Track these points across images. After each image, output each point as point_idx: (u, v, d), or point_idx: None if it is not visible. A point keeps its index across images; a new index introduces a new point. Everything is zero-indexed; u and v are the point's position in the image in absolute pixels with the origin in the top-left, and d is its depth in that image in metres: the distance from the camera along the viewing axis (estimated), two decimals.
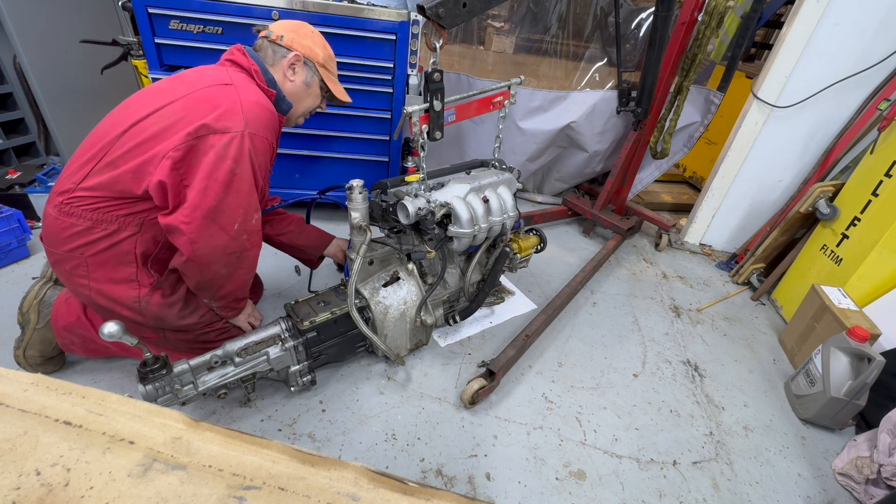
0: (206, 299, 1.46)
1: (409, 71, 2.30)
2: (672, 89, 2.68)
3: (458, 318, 1.91)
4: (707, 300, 2.55)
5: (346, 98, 1.67)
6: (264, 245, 1.91)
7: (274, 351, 1.47)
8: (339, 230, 2.65)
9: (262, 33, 1.50)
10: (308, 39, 1.51)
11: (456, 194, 1.64)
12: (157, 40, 2.07)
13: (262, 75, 1.43)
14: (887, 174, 2.00)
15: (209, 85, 1.29)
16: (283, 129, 1.62)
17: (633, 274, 2.69)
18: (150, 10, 1.99)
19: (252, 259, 1.43)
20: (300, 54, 1.49)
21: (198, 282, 1.36)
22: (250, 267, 1.44)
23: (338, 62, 2.19)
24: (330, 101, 1.69)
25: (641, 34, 2.81)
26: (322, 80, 1.57)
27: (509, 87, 1.69)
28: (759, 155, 2.72)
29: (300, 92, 1.54)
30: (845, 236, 2.16)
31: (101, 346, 1.50)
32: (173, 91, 1.30)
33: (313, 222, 1.89)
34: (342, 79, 2.24)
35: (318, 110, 1.70)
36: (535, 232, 2.08)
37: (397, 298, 1.67)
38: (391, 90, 2.33)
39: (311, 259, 1.92)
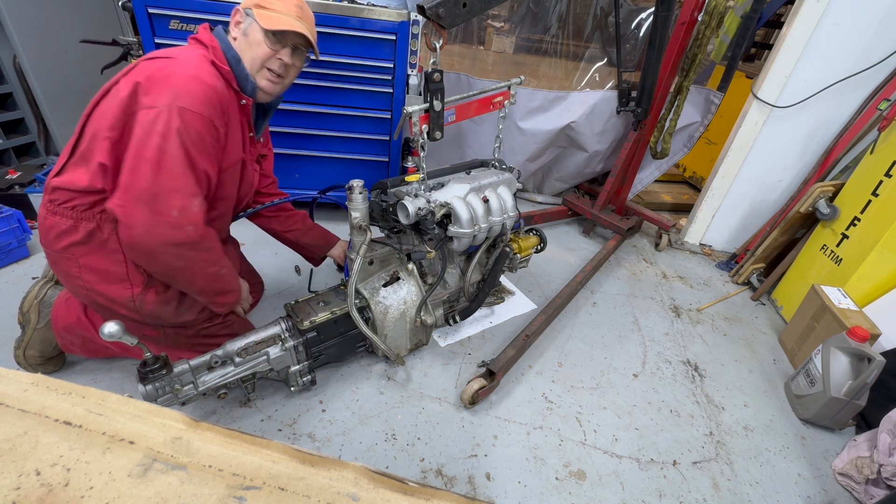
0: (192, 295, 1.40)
1: (409, 71, 2.30)
2: (672, 89, 2.68)
3: (458, 318, 1.91)
4: (707, 300, 2.55)
5: (274, 24, 1.31)
6: (264, 245, 1.91)
7: (274, 351, 1.47)
8: (339, 230, 2.64)
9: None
10: None
11: (456, 194, 1.64)
12: (156, 40, 2.07)
13: (223, 53, 1.31)
14: (887, 174, 2.00)
15: (151, 57, 1.22)
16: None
17: (633, 274, 2.69)
18: (150, 10, 1.99)
19: (212, 252, 1.30)
20: (239, 7, 1.35)
21: (158, 273, 1.29)
22: (212, 261, 1.31)
23: (338, 62, 2.21)
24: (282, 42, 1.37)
25: (641, 34, 2.81)
26: (265, 30, 1.32)
27: (509, 87, 1.69)
28: (759, 155, 2.72)
29: (242, 47, 1.34)
30: (845, 236, 2.16)
31: (101, 346, 1.50)
32: (127, 69, 1.25)
33: (316, 223, 1.90)
34: (341, 79, 2.26)
35: (280, 60, 1.38)
36: (535, 232, 2.08)
37: (397, 298, 1.67)
38: (391, 90, 2.33)
39: (314, 258, 1.92)
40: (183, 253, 1.23)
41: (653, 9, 2.42)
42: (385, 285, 1.67)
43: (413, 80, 2.34)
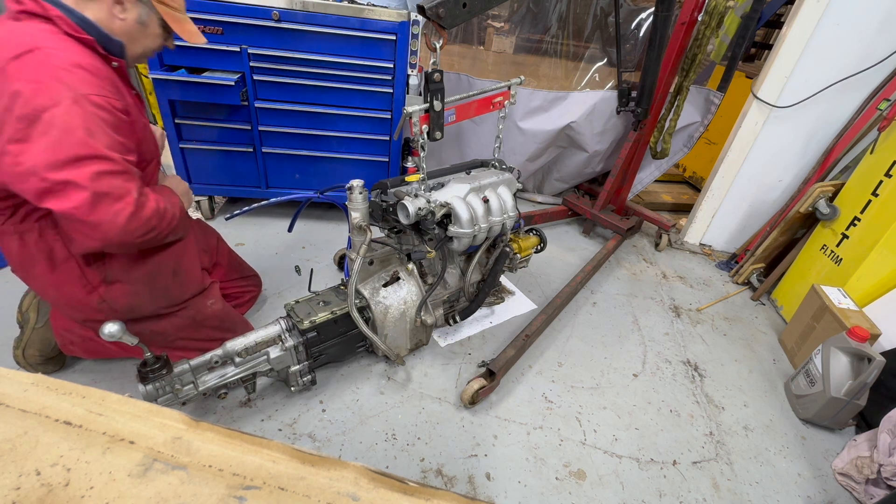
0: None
1: (409, 71, 2.30)
2: (672, 89, 2.68)
3: (458, 318, 1.91)
4: (707, 300, 2.55)
5: (197, 39, 1.40)
6: (265, 245, 1.90)
7: (274, 351, 1.47)
8: (339, 230, 2.65)
9: None
10: None
11: (456, 194, 1.64)
12: None
13: (69, 18, 1.15)
14: (887, 174, 2.00)
15: (11, 57, 1.05)
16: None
17: (633, 274, 2.69)
18: None
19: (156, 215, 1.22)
20: None
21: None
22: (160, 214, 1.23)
23: (338, 62, 2.21)
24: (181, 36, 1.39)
25: (641, 34, 2.81)
26: (162, 18, 1.32)
27: (509, 88, 1.69)
28: (759, 155, 2.72)
29: (133, 31, 1.27)
30: (845, 236, 2.16)
31: (100, 346, 1.50)
32: None
33: (315, 223, 1.89)
34: (341, 79, 2.26)
35: (167, 48, 1.45)
36: (535, 232, 2.08)
37: (397, 298, 1.67)
38: (391, 90, 2.33)
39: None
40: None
41: (653, 9, 2.42)
42: (385, 285, 1.67)
43: (413, 80, 2.34)
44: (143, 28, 1.30)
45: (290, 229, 1.74)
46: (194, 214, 2.51)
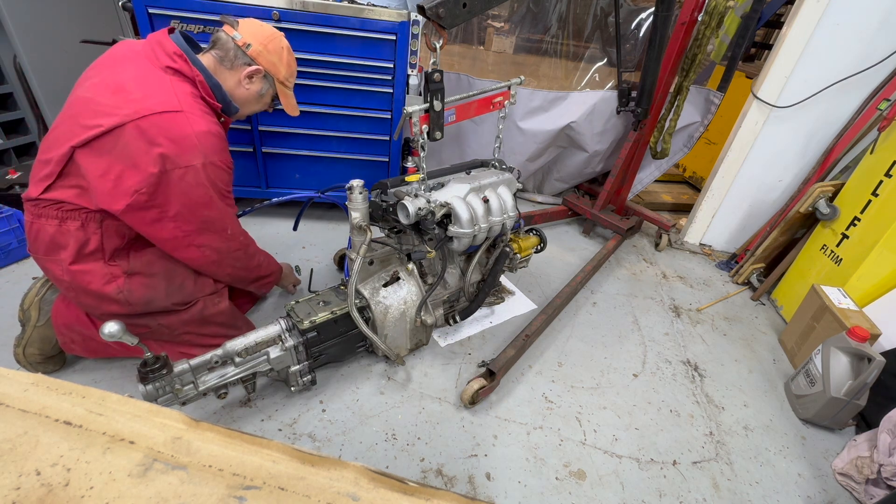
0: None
1: (409, 71, 2.30)
2: (672, 89, 2.68)
3: (458, 318, 1.91)
4: (707, 300, 2.55)
5: (296, 112, 1.67)
6: (265, 245, 1.91)
7: (274, 351, 1.47)
8: (339, 230, 2.65)
9: (229, 31, 1.44)
10: (275, 56, 1.49)
11: (456, 194, 1.64)
12: None
13: (208, 85, 1.40)
14: (887, 174, 2.00)
15: (160, 111, 1.25)
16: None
17: (633, 274, 2.69)
18: (150, 10, 1.99)
19: (249, 249, 1.62)
20: (262, 69, 1.47)
21: (224, 277, 1.58)
22: (252, 254, 1.64)
23: (338, 62, 2.22)
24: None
25: (641, 34, 2.81)
26: (276, 93, 1.58)
27: (509, 88, 1.69)
28: (759, 155, 2.72)
29: (251, 99, 1.54)
30: (845, 236, 2.16)
31: (101, 345, 1.51)
32: (118, 102, 1.25)
33: (315, 223, 1.89)
34: (341, 79, 2.26)
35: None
36: (535, 232, 2.08)
37: (397, 298, 1.67)
38: (391, 90, 2.33)
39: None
40: (238, 256, 1.55)
41: (653, 9, 2.42)
42: (385, 285, 1.67)
43: (413, 80, 2.34)
44: (259, 98, 1.55)
45: (294, 227, 1.76)
46: None
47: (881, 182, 2.02)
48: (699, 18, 2.42)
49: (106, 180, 1.25)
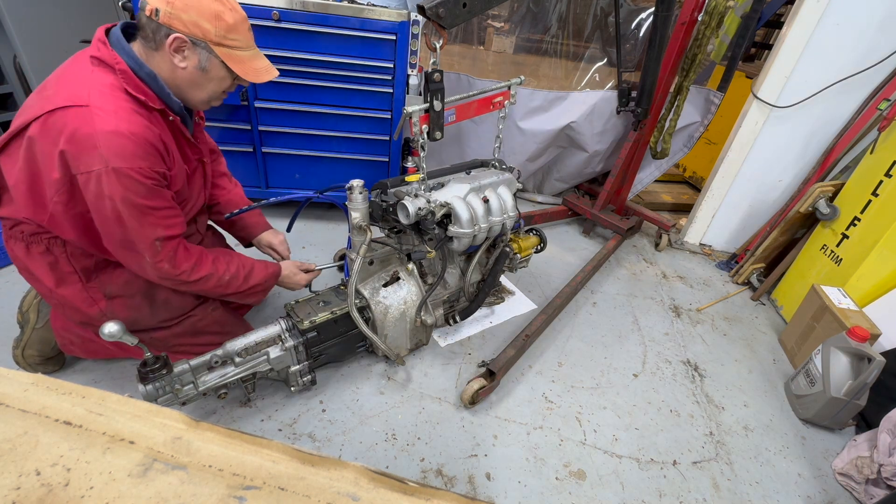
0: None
1: (409, 71, 2.30)
2: (672, 89, 2.68)
3: (458, 318, 1.91)
4: (707, 300, 2.55)
5: (259, 78, 1.30)
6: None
7: (274, 351, 1.47)
8: (338, 230, 2.65)
9: (144, 4, 1.15)
10: (193, 12, 1.14)
11: (456, 194, 1.64)
12: None
13: (134, 75, 1.17)
14: (887, 174, 2.00)
15: (63, 106, 1.08)
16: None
17: (633, 274, 2.69)
18: None
19: (205, 270, 1.35)
20: (182, 35, 1.15)
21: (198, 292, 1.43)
22: (210, 275, 1.36)
23: (338, 62, 2.21)
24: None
25: (641, 34, 2.81)
26: (223, 61, 1.24)
27: (509, 87, 1.69)
28: (759, 155, 2.72)
29: (196, 78, 1.24)
30: (845, 236, 2.16)
31: (100, 346, 1.50)
32: (36, 100, 1.13)
33: (315, 223, 1.89)
34: (341, 79, 2.26)
35: (239, 86, 1.43)
36: (535, 232, 2.08)
37: (397, 298, 1.67)
38: (391, 90, 2.33)
39: (241, 239, 1.82)
40: (182, 280, 1.31)
41: (653, 9, 2.42)
42: (385, 285, 1.67)
43: (413, 80, 2.34)
44: (204, 73, 1.24)
45: (288, 229, 1.74)
46: None
47: (881, 182, 2.02)
48: (699, 18, 2.42)
49: (20, 189, 1.15)
